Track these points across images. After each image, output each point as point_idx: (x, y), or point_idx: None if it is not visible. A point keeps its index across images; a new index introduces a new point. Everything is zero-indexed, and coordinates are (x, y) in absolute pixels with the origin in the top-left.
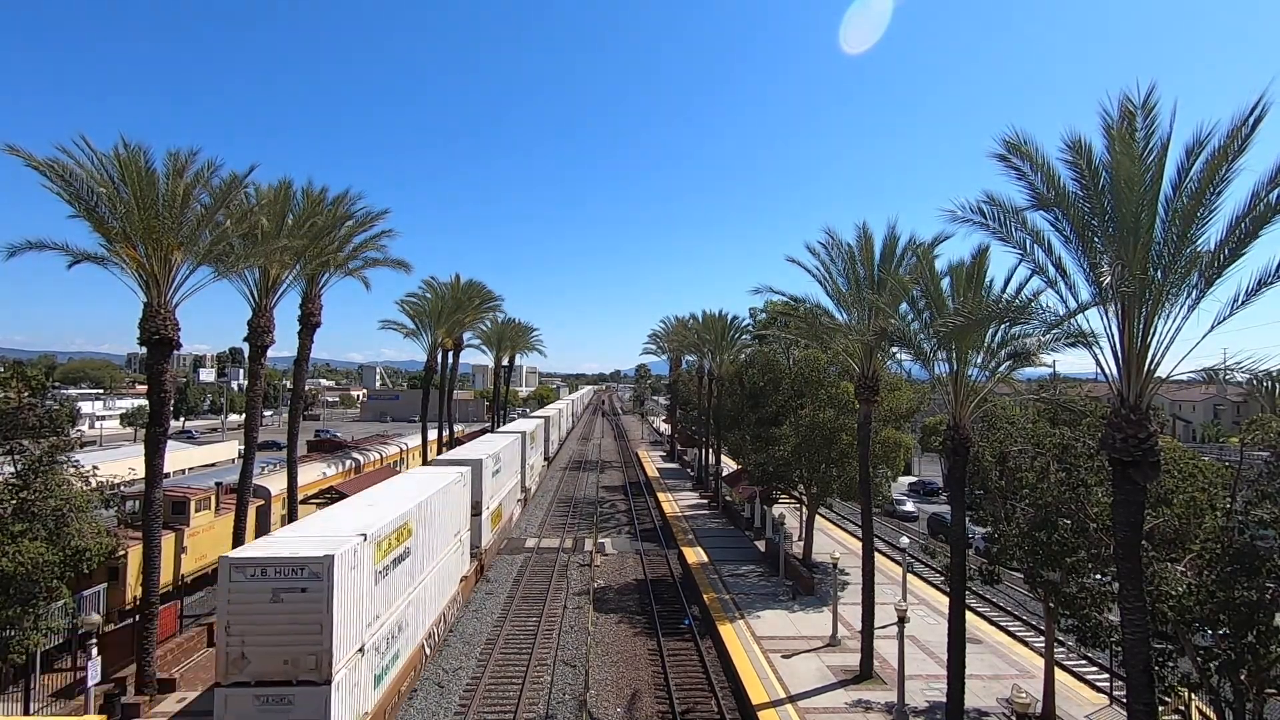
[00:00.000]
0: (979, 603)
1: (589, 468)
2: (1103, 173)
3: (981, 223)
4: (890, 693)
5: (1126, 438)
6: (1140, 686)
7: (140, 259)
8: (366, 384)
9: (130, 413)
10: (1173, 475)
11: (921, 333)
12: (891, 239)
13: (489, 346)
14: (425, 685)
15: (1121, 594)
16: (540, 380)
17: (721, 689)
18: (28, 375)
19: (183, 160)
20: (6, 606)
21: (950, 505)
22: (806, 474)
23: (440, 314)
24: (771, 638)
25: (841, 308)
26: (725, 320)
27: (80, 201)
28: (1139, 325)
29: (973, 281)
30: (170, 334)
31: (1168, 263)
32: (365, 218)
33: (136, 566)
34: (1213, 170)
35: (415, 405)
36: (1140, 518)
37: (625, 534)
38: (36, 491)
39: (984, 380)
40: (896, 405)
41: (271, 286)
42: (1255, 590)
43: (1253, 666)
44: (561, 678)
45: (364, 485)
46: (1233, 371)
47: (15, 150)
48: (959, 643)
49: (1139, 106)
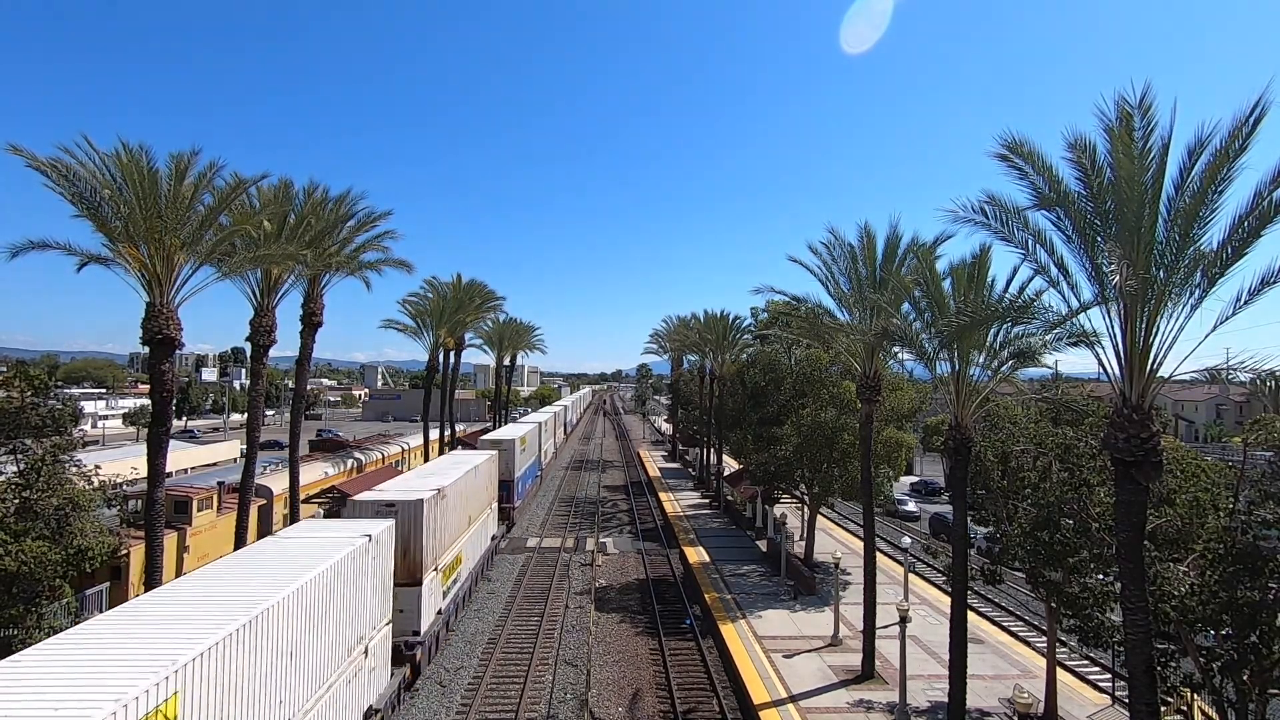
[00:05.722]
0: (981, 603)
1: (590, 467)
2: (1105, 172)
3: (983, 222)
4: (892, 692)
5: (1129, 437)
6: (1142, 687)
7: (143, 259)
8: (368, 384)
9: (133, 412)
10: (1175, 475)
11: (923, 332)
12: (894, 238)
13: (490, 346)
14: (427, 684)
15: (1124, 594)
16: (542, 380)
17: (723, 688)
18: (30, 375)
19: (185, 162)
20: (9, 605)
21: (952, 505)
22: (808, 474)
23: (442, 313)
24: (773, 637)
25: (843, 307)
26: (727, 320)
27: (83, 202)
28: (1141, 325)
29: (974, 281)
30: (173, 334)
31: (1170, 262)
32: (367, 218)
33: (139, 566)
34: (1214, 170)
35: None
36: (1143, 518)
37: (627, 533)
38: (39, 491)
39: (986, 380)
40: (898, 405)
41: (273, 286)
42: (1258, 590)
43: (1255, 667)
44: (563, 677)
45: (366, 485)
46: (1236, 371)
47: (18, 150)
48: (961, 642)
49: (1136, 106)
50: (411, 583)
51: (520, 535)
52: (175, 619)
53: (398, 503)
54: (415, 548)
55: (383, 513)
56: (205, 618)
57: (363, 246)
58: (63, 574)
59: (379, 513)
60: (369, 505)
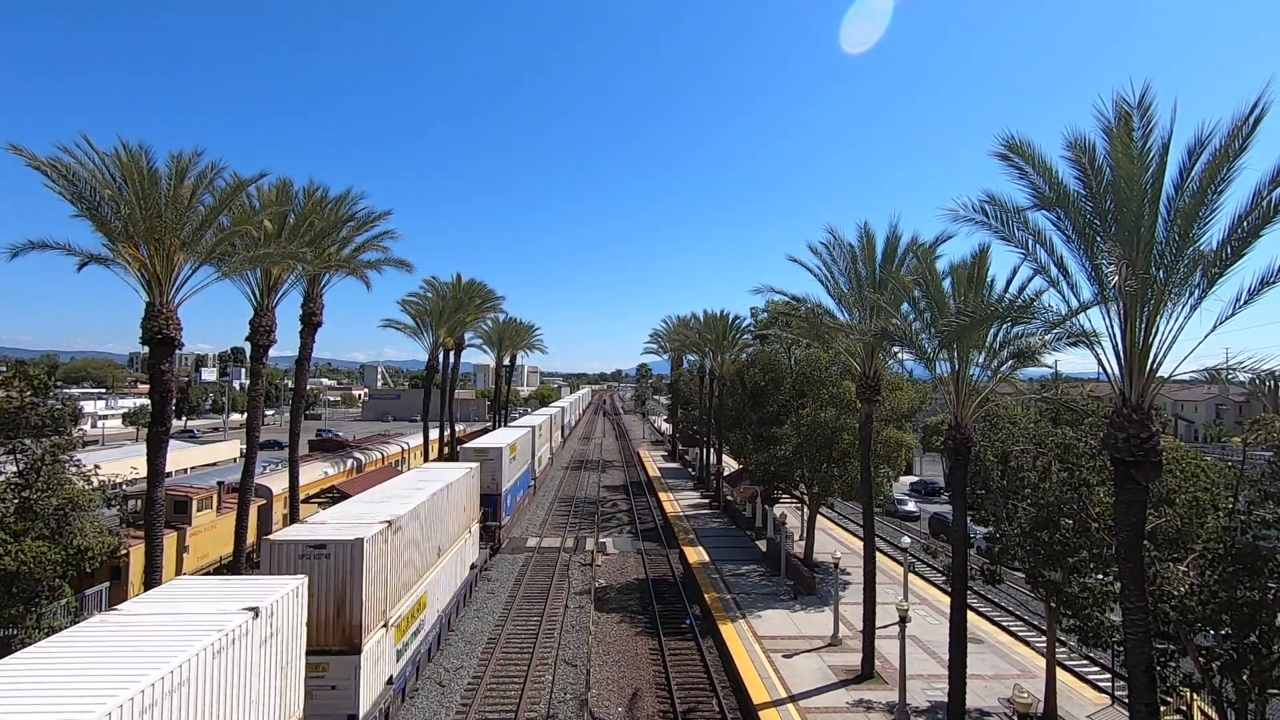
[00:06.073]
0: (980, 602)
1: (590, 467)
2: (1104, 172)
3: (983, 222)
4: (891, 692)
5: (1129, 437)
6: (1142, 686)
7: (143, 259)
8: (368, 383)
9: (132, 412)
10: (1175, 475)
11: (923, 332)
12: (893, 238)
13: (490, 346)
14: (427, 684)
15: (1123, 594)
16: (542, 380)
17: (723, 688)
18: (30, 375)
19: (185, 162)
20: (9, 605)
21: (952, 505)
22: (808, 473)
23: (441, 313)
24: (773, 637)
25: (843, 307)
26: (726, 320)
27: (83, 201)
28: (1141, 325)
29: (974, 281)
30: (172, 333)
31: (1170, 262)
32: (366, 218)
33: (139, 565)
34: (1214, 170)
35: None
36: (1142, 518)
37: (626, 533)
38: (39, 490)
39: (986, 380)
40: (898, 405)
41: (273, 286)
42: (1258, 590)
43: (1255, 667)
44: (563, 677)
45: (366, 485)
46: (1235, 371)
47: (18, 150)
48: (960, 642)
49: (1135, 106)
50: (347, 650)
51: (520, 535)
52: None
53: (330, 543)
54: (353, 602)
55: (311, 556)
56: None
57: (362, 246)
58: (62, 574)
59: (305, 555)
60: (291, 548)
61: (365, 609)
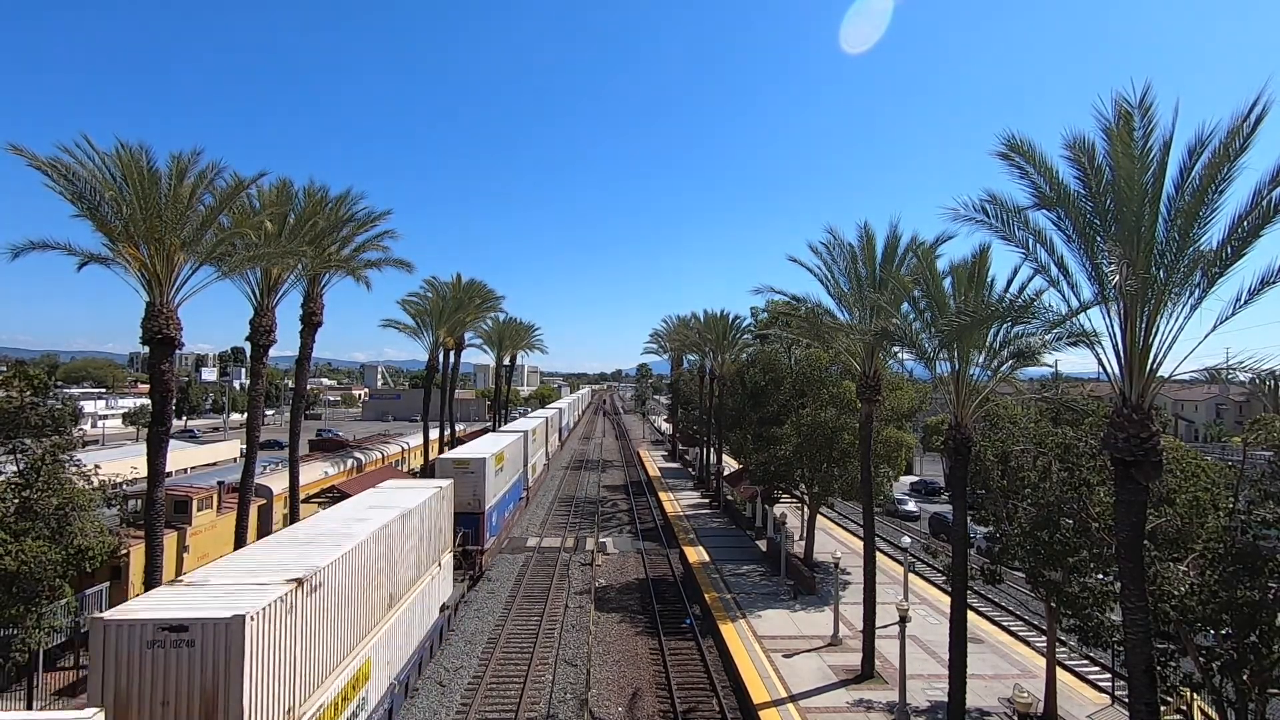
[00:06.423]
0: (981, 602)
1: (590, 467)
2: (1105, 171)
3: (984, 221)
4: (892, 692)
5: (1129, 437)
6: (1142, 686)
7: (143, 259)
8: (368, 383)
9: (132, 412)
10: (1175, 475)
11: (923, 332)
12: (893, 238)
13: (490, 346)
14: (427, 684)
15: (1123, 594)
16: (542, 379)
17: (723, 688)
18: (30, 374)
19: (185, 162)
20: (9, 605)
21: (952, 505)
22: (808, 473)
23: (441, 313)
24: (773, 637)
25: (843, 307)
26: (727, 320)
27: (83, 201)
28: (1141, 325)
29: (974, 281)
30: (173, 333)
31: (1170, 262)
32: (367, 218)
33: (139, 565)
34: (1214, 169)
35: (417, 404)
36: (1142, 517)
37: (627, 533)
38: (39, 490)
39: (986, 380)
40: (898, 404)
41: (273, 286)
42: (1258, 590)
43: (1255, 666)
44: (563, 677)
45: (366, 484)
46: (1235, 371)
47: (19, 150)
48: (960, 642)
49: (1135, 106)
50: None
51: (520, 535)
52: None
53: (194, 623)
54: (231, 710)
55: (165, 643)
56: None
57: (363, 246)
58: (62, 573)
59: (157, 642)
60: (135, 632)
61: (251, 717)
